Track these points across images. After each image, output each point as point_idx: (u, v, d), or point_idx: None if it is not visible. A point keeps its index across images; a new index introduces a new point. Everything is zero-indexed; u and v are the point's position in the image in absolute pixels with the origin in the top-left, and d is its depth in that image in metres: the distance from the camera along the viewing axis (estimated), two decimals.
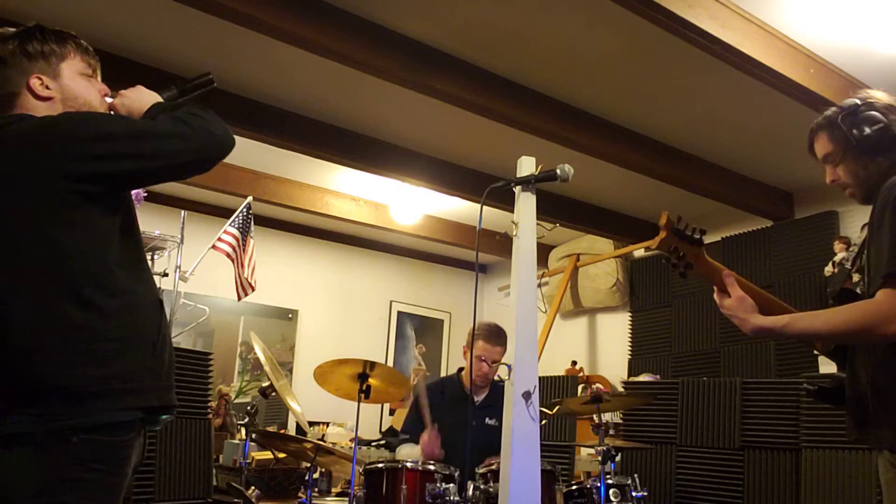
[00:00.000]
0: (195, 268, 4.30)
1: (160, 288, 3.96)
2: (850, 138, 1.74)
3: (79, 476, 1.36)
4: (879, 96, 1.77)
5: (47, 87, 1.57)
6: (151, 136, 1.49)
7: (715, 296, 1.76)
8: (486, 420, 3.38)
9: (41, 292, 1.40)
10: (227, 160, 5.63)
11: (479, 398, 3.47)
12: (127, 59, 3.58)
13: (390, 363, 6.81)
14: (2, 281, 1.40)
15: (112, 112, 1.65)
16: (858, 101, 1.76)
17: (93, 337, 1.41)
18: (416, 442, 3.27)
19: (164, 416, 1.54)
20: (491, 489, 2.65)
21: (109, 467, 1.40)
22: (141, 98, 1.65)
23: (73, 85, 1.61)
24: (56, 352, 1.38)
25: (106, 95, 1.67)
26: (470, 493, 2.67)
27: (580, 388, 5.36)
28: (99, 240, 1.46)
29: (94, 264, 1.44)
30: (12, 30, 1.60)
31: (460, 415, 3.25)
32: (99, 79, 1.69)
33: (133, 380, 1.44)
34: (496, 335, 3.33)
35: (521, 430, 1.92)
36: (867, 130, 1.72)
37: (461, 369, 3.59)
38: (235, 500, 3.38)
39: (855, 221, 4.49)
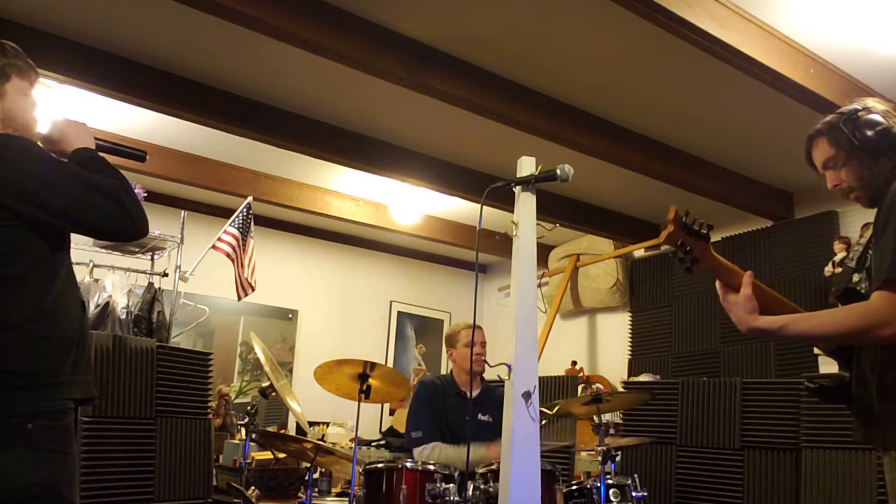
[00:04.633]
0: (195, 268, 4.30)
1: (159, 288, 3.96)
2: (853, 141, 1.75)
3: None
4: (876, 103, 1.80)
5: None
6: (68, 194, 1.58)
7: (718, 287, 1.76)
8: (480, 416, 3.52)
9: None
10: (227, 160, 5.58)
11: (472, 395, 3.57)
12: (126, 59, 3.58)
13: (390, 363, 6.81)
14: None
15: (43, 139, 1.72)
16: (857, 107, 1.79)
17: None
18: (432, 439, 3.36)
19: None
20: (491, 489, 2.65)
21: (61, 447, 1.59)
22: (77, 135, 1.72)
23: (14, 107, 1.67)
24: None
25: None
26: (470, 493, 2.67)
27: (580, 388, 5.37)
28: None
29: None
30: None
31: (458, 411, 3.48)
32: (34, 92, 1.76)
33: (62, 374, 1.61)
34: (473, 324, 3.46)
35: (521, 430, 1.91)
36: (869, 133, 1.73)
37: (450, 371, 3.77)
38: (235, 500, 3.38)
39: (855, 221, 4.48)
